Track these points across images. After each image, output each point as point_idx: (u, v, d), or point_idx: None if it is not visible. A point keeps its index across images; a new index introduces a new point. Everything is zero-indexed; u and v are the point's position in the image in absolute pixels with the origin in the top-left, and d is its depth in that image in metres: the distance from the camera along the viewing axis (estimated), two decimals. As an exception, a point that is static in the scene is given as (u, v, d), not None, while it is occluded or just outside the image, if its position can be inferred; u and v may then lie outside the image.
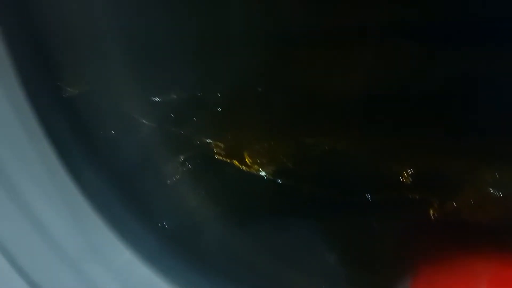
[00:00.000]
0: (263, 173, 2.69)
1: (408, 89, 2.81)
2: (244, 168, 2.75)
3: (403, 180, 2.52)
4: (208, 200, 2.56)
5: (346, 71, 3.17)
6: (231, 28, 3.61)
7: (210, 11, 3.52)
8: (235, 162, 2.81)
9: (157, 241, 2.20)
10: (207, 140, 3.22)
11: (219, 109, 3.71)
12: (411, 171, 2.54)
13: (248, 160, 2.80)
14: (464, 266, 2.11)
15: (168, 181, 2.68)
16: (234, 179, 2.71)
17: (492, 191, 2.46)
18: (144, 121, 3.55)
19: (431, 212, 2.42)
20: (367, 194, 2.45)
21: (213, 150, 3.04)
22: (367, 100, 2.99)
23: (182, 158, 2.92)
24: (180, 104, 3.69)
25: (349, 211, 2.42)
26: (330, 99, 3.14)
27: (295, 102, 3.33)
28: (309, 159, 2.76)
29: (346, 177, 2.60)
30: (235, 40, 3.61)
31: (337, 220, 2.39)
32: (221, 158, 2.89)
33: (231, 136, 3.27)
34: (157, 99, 3.81)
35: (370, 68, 3.11)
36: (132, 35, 3.63)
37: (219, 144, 3.13)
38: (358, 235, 2.39)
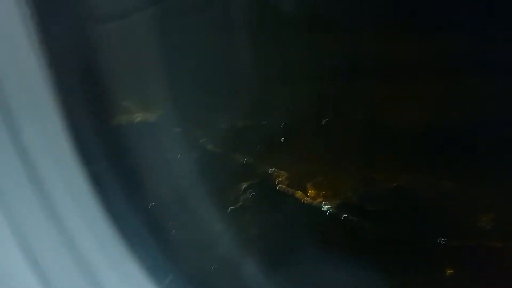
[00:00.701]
0: (326, 207, 2.59)
1: (484, 126, 2.61)
2: (306, 200, 2.67)
3: (482, 225, 2.30)
4: (268, 230, 2.51)
5: (417, 105, 3.03)
6: (298, 59, 3.63)
7: (278, 43, 3.58)
8: (298, 193, 2.74)
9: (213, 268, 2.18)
10: (270, 169, 3.20)
11: (284, 139, 3.70)
12: (492, 216, 2.31)
13: (311, 191, 2.72)
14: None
15: (229, 208, 2.67)
16: (296, 210, 2.64)
17: None
18: (208, 147, 3.63)
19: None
20: (439, 238, 2.24)
21: (276, 179, 3.01)
22: (441, 136, 2.82)
23: (244, 186, 2.91)
24: (245, 132, 3.73)
25: (417, 255, 2.23)
26: (401, 134, 3.00)
27: (363, 135, 3.23)
28: (376, 196, 2.62)
29: (416, 218, 2.42)
30: (301, 71, 3.63)
31: (403, 264, 2.21)
32: (283, 188, 2.84)
33: (294, 167, 3.22)
34: (222, 126, 3.89)
35: (443, 102, 2.96)
36: (201, 65, 3.80)
37: (282, 173, 3.09)
38: (426, 282, 2.20)
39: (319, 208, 2.60)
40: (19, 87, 0.88)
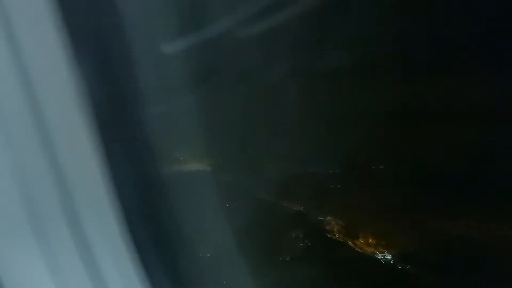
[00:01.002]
0: (380, 256, 2.46)
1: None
2: (361, 249, 2.55)
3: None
4: (320, 280, 2.40)
5: (476, 150, 2.88)
6: (349, 104, 3.63)
7: (327, 88, 3.62)
8: (350, 243, 2.63)
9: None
10: (321, 218, 3.12)
11: (336, 186, 3.62)
12: None
13: (366, 241, 2.61)
14: None
15: (280, 258, 2.61)
16: (348, 260, 2.52)
17: None
18: (258, 195, 3.63)
19: None
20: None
21: (327, 228, 2.92)
22: (505, 180, 2.63)
23: (294, 234, 2.85)
24: (295, 180, 3.70)
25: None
26: (461, 179, 2.85)
27: (420, 182, 3.09)
28: (435, 245, 2.46)
29: (480, 271, 2.22)
30: (353, 116, 3.61)
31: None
32: (335, 237, 2.75)
33: (348, 215, 3.12)
34: (273, 173, 3.90)
35: (498, 145, 2.80)
36: (251, 117, 3.89)
37: (333, 222, 3.00)
38: None
39: (375, 258, 2.46)
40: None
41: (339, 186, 3.46)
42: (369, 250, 2.55)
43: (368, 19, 2.93)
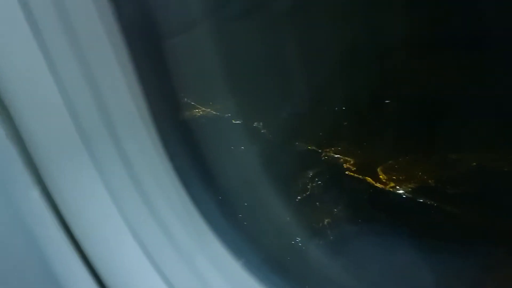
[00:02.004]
0: (400, 191, 2.46)
1: None
2: (378, 185, 2.56)
3: None
4: (340, 218, 2.44)
5: (494, 78, 2.79)
6: (354, 39, 3.49)
7: (333, 25, 3.47)
8: (368, 179, 2.63)
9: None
10: (335, 156, 3.11)
11: (346, 124, 3.58)
12: None
13: (382, 176, 2.61)
14: None
15: (298, 197, 2.63)
16: (368, 197, 2.53)
17: None
18: (270, 136, 3.61)
19: None
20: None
21: (343, 165, 2.92)
22: None
23: (310, 174, 2.85)
24: (306, 120, 3.66)
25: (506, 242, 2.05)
26: (475, 109, 2.79)
27: (431, 114, 3.04)
28: (454, 177, 2.45)
29: (501, 200, 2.23)
30: (358, 52, 3.48)
31: (489, 253, 2.04)
32: (352, 174, 2.75)
33: (361, 151, 3.11)
34: (282, 115, 3.85)
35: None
36: (258, 55, 3.77)
37: (349, 159, 3.00)
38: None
39: (394, 193, 2.47)
40: (117, 102, 0.99)
41: (347, 123, 3.43)
42: (386, 185, 2.55)
43: None
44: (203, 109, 3.65)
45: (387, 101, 3.58)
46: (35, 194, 0.88)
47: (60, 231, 0.90)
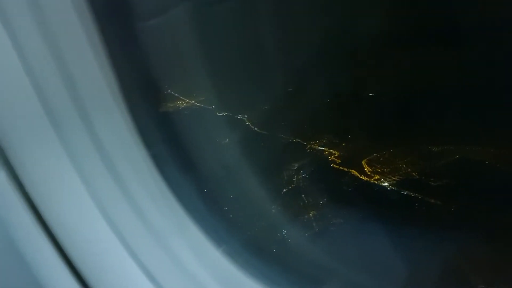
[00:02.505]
0: (385, 184, 2.49)
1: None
2: (363, 178, 2.57)
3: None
4: (324, 209, 2.44)
5: (477, 70, 2.83)
6: (336, 32, 3.49)
7: (316, 14, 3.47)
8: (353, 171, 2.65)
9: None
10: (320, 148, 3.11)
11: (330, 116, 3.59)
12: None
13: (367, 169, 2.62)
14: None
15: (284, 190, 2.62)
16: (353, 189, 2.55)
17: None
18: (256, 129, 3.58)
19: None
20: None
21: (328, 158, 2.92)
22: (498, 103, 2.61)
23: (296, 166, 2.85)
24: (290, 111, 3.65)
25: (493, 231, 2.08)
26: (457, 103, 2.82)
27: (413, 107, 3.06)
28: (437, 170, 2.49)
29: (485, 191, 2.27)
30: (340, 45, 3.48)
31: (475, 241, 2.08)
32: (337, 166, 2.76)
33: (346, 144, 3.11)
34: (266, 107, 3.83)
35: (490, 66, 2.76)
36: (237, 50, 3.74)
37: (334, 152, 3.00)
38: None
39: (379, 185, 2.49)
40: (89, 86, 0.97)
41: (330, 116, 3.44)
42: (371, 178, 2.57)
43: None
44: (187, 100, 3.60)
45: (371, 94, 3.61)
46: (1, 176, 0.85)
47: (28, 214, 0.87)
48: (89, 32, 0.95)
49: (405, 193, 2.36)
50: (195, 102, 3.78)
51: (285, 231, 2.27)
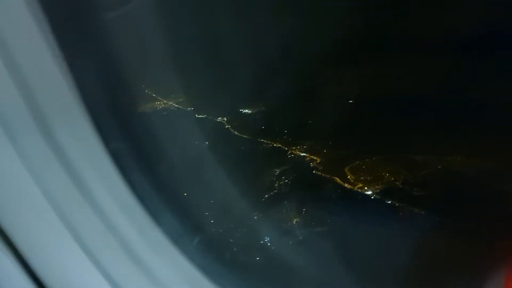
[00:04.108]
0: (369, 192, 2.46)
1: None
2: (347, 185, 2.54)
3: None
4: (308, 217, 2.39)
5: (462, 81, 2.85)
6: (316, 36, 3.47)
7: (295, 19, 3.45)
8: (336, 179, 2.61)
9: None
10: (302, 154, 3.06)
11: (310, 122, 3.54)
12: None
13: (350, 176, 2.59)
14: None
15: (266, 195, 2.56)
16: (337, 197, 2.51)
17: None
18: (236, 132, 3.50)
19: None
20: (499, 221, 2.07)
21: (310, 164, 2.87)
22: (483, 110, 2.64)
23: (277, 172, 2.79)
24: (271, 116, 3.60)
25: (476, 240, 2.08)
26: (440, 113, 2.84)
27: (399, 115, 3.05)
28: (420, 179, 2.48)
29: (464, 202, 2.28)
30: (319, 50, 3.46)
31: (459, 251, 2.07)
32: (319, 173, 2.71)
33: (328, 150, 3.08)
34: (246, 111, 3.76)
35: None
36: (219, 53, 3.65)
37: (315, 158, 2.95)
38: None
39: (362, 194, 2.46)
40: (44, 84, 0.92)
41: (311, 122, 3.39)
42: (355, 186, 2.54)
43: None
44: (165, 101, 3.48)
45: (350, 101, 3.60)
46: None
47: None
48: (43, 30, 0.90)
49: (389, 202, 2.34)
50: (173, 103, 3.67)
51: (267, 239, 2.20)
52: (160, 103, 3.63)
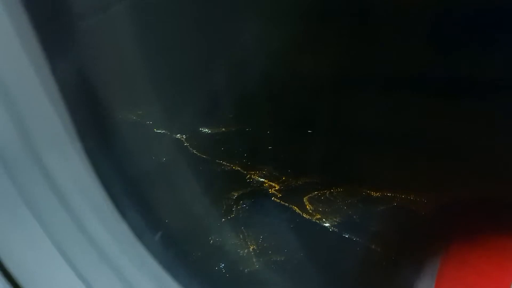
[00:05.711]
0: (327, 224, 2.46)
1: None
2: (305, 215, 2.53)
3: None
4: (265, 244, 2.35)
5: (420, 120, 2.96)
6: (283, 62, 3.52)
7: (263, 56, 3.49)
8: (295, 208, 2.60)
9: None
10: (260, 179, 3.03)
11: (270, 148, 3.54)
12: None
13: (309, 207, 2.59)
14: (498, 246, 1.86)
15: (222, 219, 2.49)
16: (295, 226, 2.49)
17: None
18: (194, 151, 3.42)
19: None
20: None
21: (268, 190, 2.85)
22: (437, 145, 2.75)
23: (235, 195, 2.74)
24: (231, 138, 3.56)
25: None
26: (397, 148, 2.93)
27: (355, 148, 3.11)
28: (376, 215, 2.53)
29: (416, 241, 2.34)
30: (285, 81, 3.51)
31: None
32: (278, 201, 2.69)
33: (286, 178, 3.07)
34: (206, 130, 3.69)
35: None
36: (184, 69, 3.60)
37: (274, 185, 2.94)
38: None
39: (320, 225, 2.46)
40: (23, 89, 0.95)
41: (271, 148, 3.39)
42: (313, 217, 2.54)
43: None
44: (125, 112, 3.35)
45: (309, 131, 3.65)
46: None
47: None
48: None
49: (347, 236, 2.35)
50: (132, 116, 3.53)
51: (223, 265, 2.13)
52: (118, 114, 3.47)
